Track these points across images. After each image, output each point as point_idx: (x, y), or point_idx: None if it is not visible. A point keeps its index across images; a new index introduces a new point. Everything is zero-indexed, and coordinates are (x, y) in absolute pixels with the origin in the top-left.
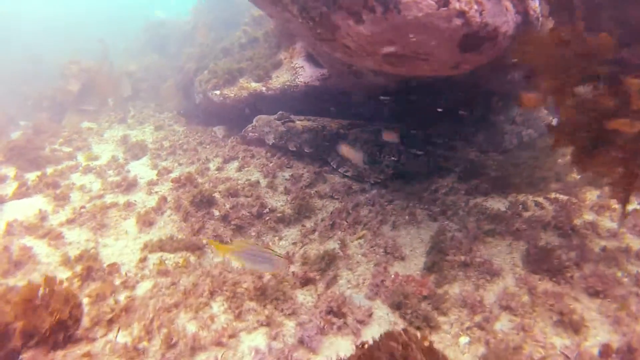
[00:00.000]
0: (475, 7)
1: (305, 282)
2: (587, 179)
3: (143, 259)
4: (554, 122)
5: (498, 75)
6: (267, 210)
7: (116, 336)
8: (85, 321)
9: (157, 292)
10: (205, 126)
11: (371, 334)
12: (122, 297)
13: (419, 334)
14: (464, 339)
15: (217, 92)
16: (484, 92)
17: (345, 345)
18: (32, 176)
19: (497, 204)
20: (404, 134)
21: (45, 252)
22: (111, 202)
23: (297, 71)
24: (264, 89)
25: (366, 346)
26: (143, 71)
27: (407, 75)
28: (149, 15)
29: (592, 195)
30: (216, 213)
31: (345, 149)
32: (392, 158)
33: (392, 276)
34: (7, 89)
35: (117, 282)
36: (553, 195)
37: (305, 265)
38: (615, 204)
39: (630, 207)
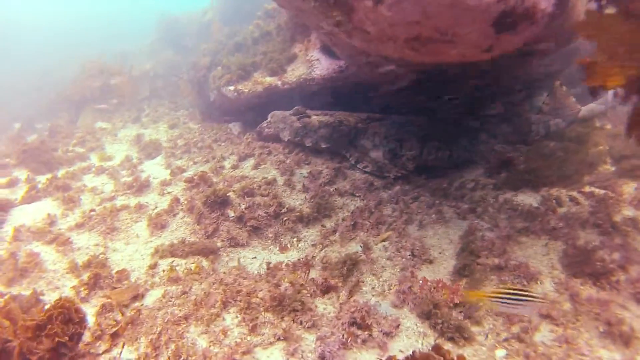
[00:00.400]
0: None
1: (327, 289)
2: (623, 171)
3: (153, 265)
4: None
5: (525, 61)
6: (285, 209)
7: (120, 352)
8: (87, 335)
9: (167, 302)
10: (221, 123)
11: (399, 347)
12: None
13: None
14: (500, 352)
15: (231, 87)
16: (507, 80)
17: None
18: (43, 179)
19: (529, 199)
20: (424, 127)
21: (53, 258)
22: (122, 205)
23: (312, 64)
24: (279, 83)
25: None
26: (158, 68)
27: (429, 62)
28: (164, 12)
29: (629, 188)
30: (231, 214)
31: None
32: (412, 152)
33: (421, 282)
34: (23, 94)
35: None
36: (587, 188)
37: (326, 270)
38: None
39: None
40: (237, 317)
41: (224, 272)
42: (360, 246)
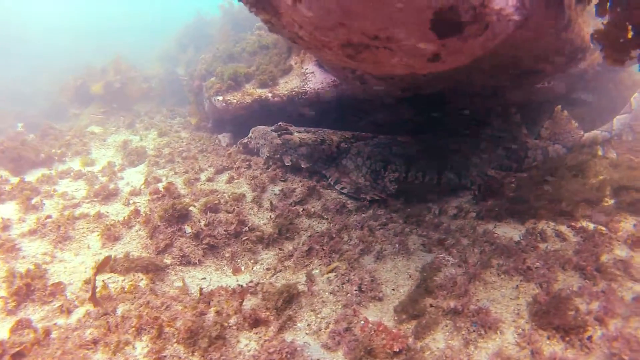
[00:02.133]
0: None
1: (256, 323)
2: (622, 204)
3: (88, 280)
4: None
5: (522, 82)
6: (247, 228)
7: None
8: None
9: (85, 323)
10: (214, 133)
11: None
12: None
13: None
14: None
15: (220, 97)
16: (504, 102)
17: None
18: (16, 181)
19: (512, 232)
20: (412, 149)
21: None
22: (81, 213)
23: (307, 77)
24: (269, 95)
25: None
26: (167, 73)
27: (388, 75)
28: (191, 16)
29: (627, 224)
30: (188, 230)
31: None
32: (395, 174)
33: (363, 322)
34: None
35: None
36: (580, 223)
37: (265, 300)
38: None
39: None
40: (148, 346)
41: (154, 295)
42: (304, 276)
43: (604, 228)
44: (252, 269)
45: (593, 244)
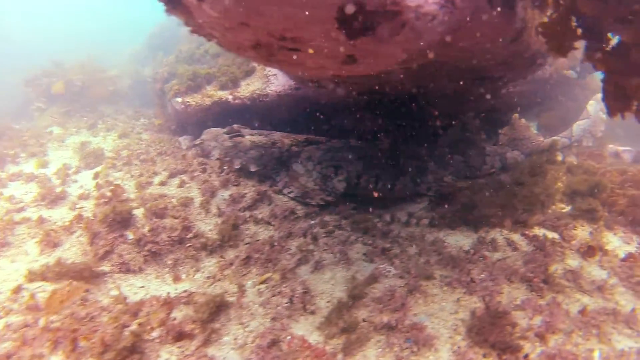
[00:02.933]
0: None
1: (180, 336)
2: (580, 211)
3: (17, 289)
4: None
5: (486, 88)
6: (192, 235)
7: None
8: None
9: (2, 336)
10: (177, 135)
11: None
12: None
13: None
14: None
15: (179, 99)
16: (468, 108)
17: None
18: None
19: (463, 241)
20: (366, 154)
21: None
22: (23, 218)
23: (269, 79)
24: (230, 97)
25: None
26: (136, 74)
27: (332, 77)
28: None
29: (583, 231)
30: (130, 236)
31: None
32: (346, 179)
33: (290, 337)
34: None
35: None
36: (534, 231)
37: (195, 312)
38: (608, 245)
39: (622, 251)
40: None
41: (83, 305)
42: (235, 286)
43: (557, 236)
44: (193, 277)
45: (544, 253)
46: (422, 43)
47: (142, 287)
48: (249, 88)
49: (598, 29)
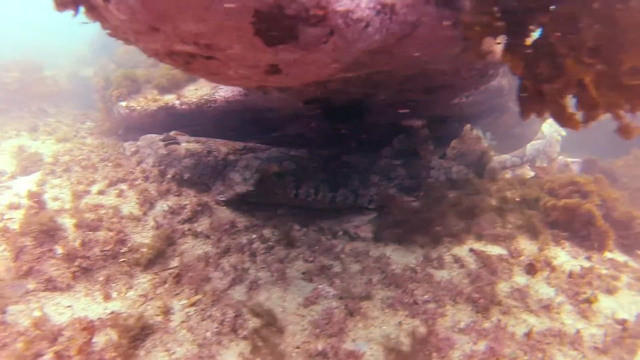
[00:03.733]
0: None
1: None
2: (529, 226)
3: None
4: None
5: (437, 97)
6: (127, 249)
7: None
8: None
9: None
10: (124, 140)
11: None
12: None
13: None
14: None
15: (123, 103)
16: (417, 117)
17: None
18: None
19: (408, 258)
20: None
21: None
22: None
23: (218, 84)
24: (177, 102)
25: None
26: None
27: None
28: None
29: (532, 246)
30: (59, 250)
31: None
32: (284, 190)
33: None
34: None
35: None
36: (482, 246)
37: (120, 337)
38: (557, 262)
39: (568, 267)
40: None
41: None
42: (159, 309)
43: (505, 252)
44: (125, 295)
45: (491, 270)
46: (355, 52)
47: (69, 306)
48: (197, 93)
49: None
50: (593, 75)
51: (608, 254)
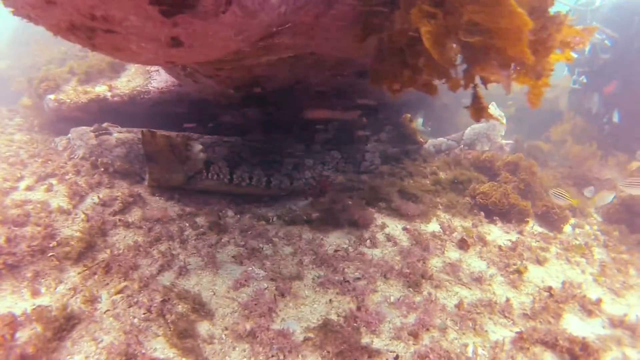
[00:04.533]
0: None
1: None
2: (467, 204)
3: None
4: None
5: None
6: (56, 243)
7: None
8: None
9: None
10: (56, 135)
11: None
12: None
13: None
14: None
15: (52, 96)
16: (351, 104)
17: None
18: None
19: (342, 239)
20: (240, 151)
21: None
22: None
23: (151, 75)
24: (109, 94)
25: None
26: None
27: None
28: None
29: (466, 222)
30: None
31: None
32: (217, 176)
33: (143, 352)
34: None
35: None
36: (414, 225)
37: (44, 330)
38: (490, 236)
39: (500, 242)
40: None
41: None
42: (83, 297)
43: (438, 229)
44: (55, 289)
45: (423, 247)
46: (261, 25)
47: None
48: (130, 84)
49: None
50: (432, 27)
51: (538, 228)
